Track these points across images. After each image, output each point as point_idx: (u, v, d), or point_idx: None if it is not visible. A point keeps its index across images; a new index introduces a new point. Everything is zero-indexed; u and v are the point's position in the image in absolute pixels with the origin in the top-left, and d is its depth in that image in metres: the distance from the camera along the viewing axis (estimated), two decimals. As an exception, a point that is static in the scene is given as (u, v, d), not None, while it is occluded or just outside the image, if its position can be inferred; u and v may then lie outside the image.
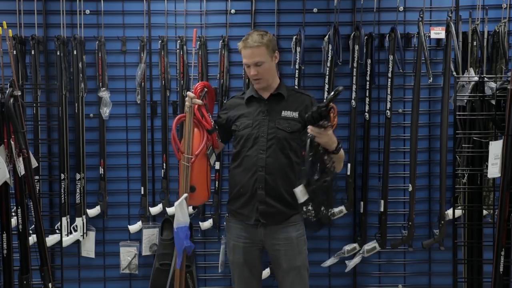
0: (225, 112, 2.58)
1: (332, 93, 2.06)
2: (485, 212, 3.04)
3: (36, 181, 2.84)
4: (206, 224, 3.33)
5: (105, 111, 3.26)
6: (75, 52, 3.21)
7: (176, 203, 2.42)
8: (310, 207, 2.18)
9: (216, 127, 2.50)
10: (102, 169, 3.32)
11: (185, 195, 2.43)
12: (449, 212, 3.13)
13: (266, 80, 2.43)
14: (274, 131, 2.39)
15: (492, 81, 2.85)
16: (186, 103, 2.45)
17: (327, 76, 3.17)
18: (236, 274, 2.55)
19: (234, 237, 2.50)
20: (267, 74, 2.42)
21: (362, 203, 3.27)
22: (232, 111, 2.54)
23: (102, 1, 3.28)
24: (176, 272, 2.54)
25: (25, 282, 2.39)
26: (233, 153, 2.52)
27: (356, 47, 3.17)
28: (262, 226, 2.41)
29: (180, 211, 2.40)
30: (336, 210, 3.25)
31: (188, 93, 2.46)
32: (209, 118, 2.47)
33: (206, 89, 2.53)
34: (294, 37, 3.20)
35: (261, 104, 2.46)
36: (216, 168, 3.26)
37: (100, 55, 3.26)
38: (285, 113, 2.41)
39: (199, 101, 2.44)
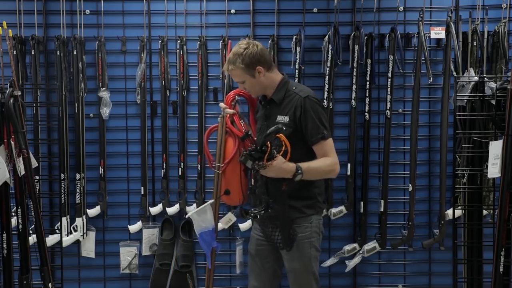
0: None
1: (265, 135, 2.13)
2: (485, 212, 3.04)
3: (36, 181, 2.84)
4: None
5: (105, 111, 3.26)
6: (75, 52, 3.21)
7: (193, 212, 2.54)
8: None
9: (249, 132, 2.48)
10: (102, 169, 3.32)
11: (210, 201, 2.55)
12: (449, 212, 3.13)
13: (256, 92, 2.43)
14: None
15: (492, 81, 2.85)
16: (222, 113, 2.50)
17: (327, 76, 3.17)
18: (249, 264, 2.57)
19: (253, 228, 2.56)
20: (254, 88, 2.40)
21: (362, 203, 3.26)
22: (257, 114, 2.57)
23: (102, 1, 3.28)
24: (207, 272, 2.69)
25: (25, 282, 2.39)
26: None
27: (356, 47, 3.16)
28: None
29: (201, 218, 2.51)
30: (336, 210, 3.25)
31: (220, 104, 2.50)
32: (241, 126, 2.48)
33: (237, 98, 2.52)
34: (294, 37, 3.20)
35: (265, 108, 2.45)
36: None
37: (100, 55, 3.26)
38: (279, 118, 2.36)
39: (230, 111, 2.46)
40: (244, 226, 3.25)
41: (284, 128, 2.17)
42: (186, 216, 2.69)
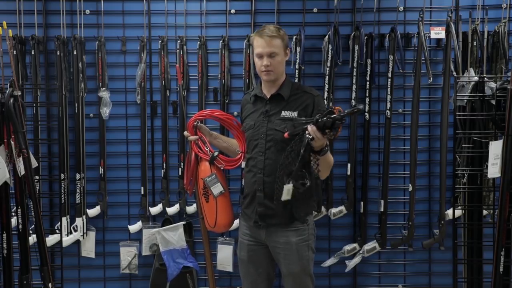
0: (241, 112, 2.59)
1: (351, 109, 2.08)
2: (485, 212, 3.04)
3: (36, 181, 2.84)
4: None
5: (105, 111, 3.26)
6: (75, 52, 3.21)
7: (161, 229, 2.70)
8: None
9: (215, 154, 2.52)
10: (102, 169, 3.32)
11: (182, 223, 2.73)
12: (449, 212, 3.14)
13: (276, 73, 2.38)
14: (272, 132, 2.35)
15: (492, 81, 2.85)
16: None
17: (327, 76, 3.17)
18: (242, 272, 2.55)
19: (241, 234, 2.53)
20: (278, 67, 2.38)
21: (362, 203, 3.27)
22: (244, 111, 2.55)
23: (102, 1, 3.28)
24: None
25: (25, 282, 2.39)
26: None
27: (356, 47, 3.17)
28: (264, 228, 2.40)
29: (168, 235, 2.66)
30: (336, 210, 3.25)
31: (184, 132, 2.57)
32: (206, 149, 2.53)
33: (198, 122, 2.55)
34: (294, 37, 3.20)
35: (263, 104, 2.44)
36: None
37: (100, 55, 3.26)
38: (284, 113, 2.36)
39: (192, 138, 2.53)
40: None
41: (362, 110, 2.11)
42: (158, 230, 2.78)
